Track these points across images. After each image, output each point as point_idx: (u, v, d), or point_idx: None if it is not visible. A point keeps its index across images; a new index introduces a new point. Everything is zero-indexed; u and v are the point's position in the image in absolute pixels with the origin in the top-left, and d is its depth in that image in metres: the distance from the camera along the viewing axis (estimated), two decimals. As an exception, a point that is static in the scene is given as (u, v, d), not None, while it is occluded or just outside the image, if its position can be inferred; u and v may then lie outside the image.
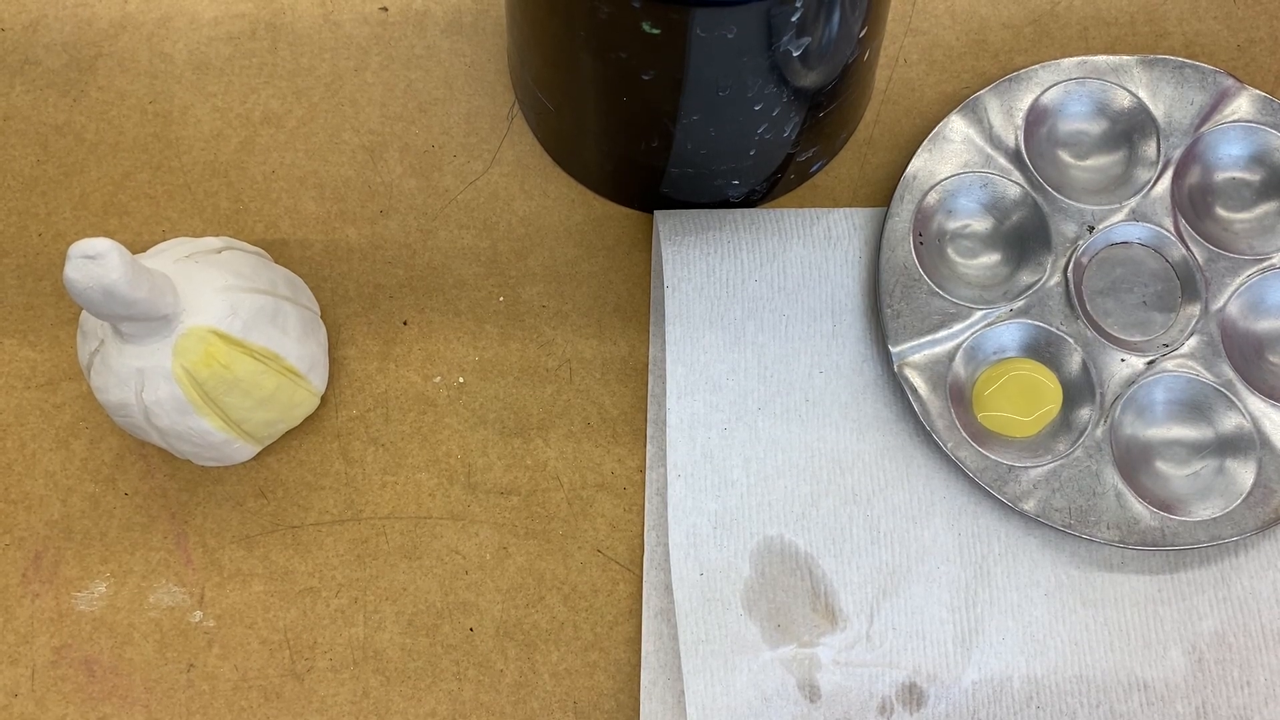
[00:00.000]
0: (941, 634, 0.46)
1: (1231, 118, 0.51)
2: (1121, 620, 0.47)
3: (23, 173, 0.52)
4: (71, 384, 0.49)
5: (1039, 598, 0.47)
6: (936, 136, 0.51)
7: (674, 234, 0.50)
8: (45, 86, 0.53)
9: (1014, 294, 0.49)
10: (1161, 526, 0.46)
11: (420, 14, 0.54)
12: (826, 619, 0.46)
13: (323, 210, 0.52)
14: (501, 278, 0.51)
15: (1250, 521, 0.46)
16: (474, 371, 0.50)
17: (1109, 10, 0.54)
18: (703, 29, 0.41)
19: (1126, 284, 0.49)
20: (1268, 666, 0.46)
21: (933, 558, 0.47)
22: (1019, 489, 0.47)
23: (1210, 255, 0.49)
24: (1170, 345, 0.48)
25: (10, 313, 0.50)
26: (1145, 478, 0.47)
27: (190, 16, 0.54)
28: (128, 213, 0.51)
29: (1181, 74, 0.51)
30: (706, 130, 0.47)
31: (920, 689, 0.46)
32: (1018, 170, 0.50)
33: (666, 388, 0.48)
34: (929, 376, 0.48)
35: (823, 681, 0.46)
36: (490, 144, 0.52)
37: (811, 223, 0.50)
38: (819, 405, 0.48)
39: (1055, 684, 0.46)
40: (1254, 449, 0.47)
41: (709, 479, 0.48)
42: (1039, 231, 0.49)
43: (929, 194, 0.50)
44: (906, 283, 0.49)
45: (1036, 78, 0.51)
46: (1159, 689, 0.46)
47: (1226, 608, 0.47)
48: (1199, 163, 0.51)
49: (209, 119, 0.53)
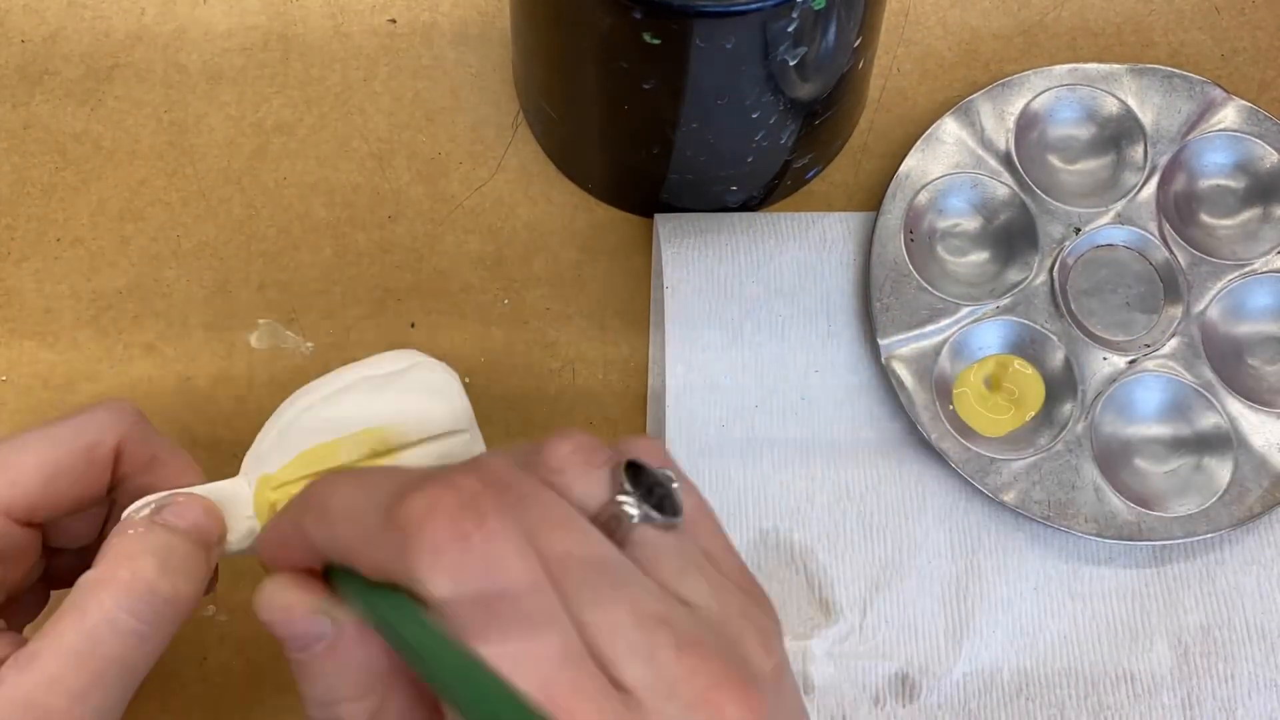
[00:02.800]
0: (933, 627, 0.47)
1: (1218, 126, 0.52)
2: (1109, 614, 0.47)
3: (42, 179, 0.53)
4: (89, 385, 0.50)
5: (1028, 592, 0.48)
6: (930, 138, 0.52)
7: (673, 236, 0.51)
8: (63, 96, 0.54)
9: (1001, 291, 0.50)
10: (1138, 521, 0.47)
11: (428, 26, 0.55)
12: (822, 612, 0.47)
13: (332, 216, 0.53)
14: (506, 281, 0.52)
15: (1225, 518, 0.47)
16: (479, 372, 0.51)
17: (1096, 21, 0.55)
18: (702, 39, 0.42)
19: (1111, 285, 0.50)
20: (1251, 659, 0.47)
21: (924, 552, 0.48)
22: (1000, 481, 0.48)
23: (1193, 259, 0.50)
24: (1152, 345, 0.49)
25: (29, 315, 0.51)
26: (1124, 473, 0.48)
27: (205, 28, 0.55)
28: (143, 218, 0.53)
29: (1170, 83, 0.52)
30: (705, 138, 0.48)
31: (912, 680, 0.47)
32: (1008, 172, 0.51)
33: (665, 386, 0.49)
34: (916, 370, 0.49)
35: (816, 674, 0.47)
36: (495, 151, 0.53)
37: (807, 226, 0.51)
38: (814, 403, 0.49)
39: (1044, 676, 0.47)
40: (1230, 448, 0.48)
41: (707, 476, 0.48)
42: (1027, 232, 0.50)
43: (921, 193, 0.51)
44: (896, 278, 0.50)
45: (1029, 83, 0.52)
46: (1146, 681, 0.47)
47: (1211, 602, 0.47)
48: (1185, 169, 0.52)
49: (223, 127, 0.54)
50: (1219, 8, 0.55)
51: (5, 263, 0.52)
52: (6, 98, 0.54)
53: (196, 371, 0.51)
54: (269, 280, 0.52)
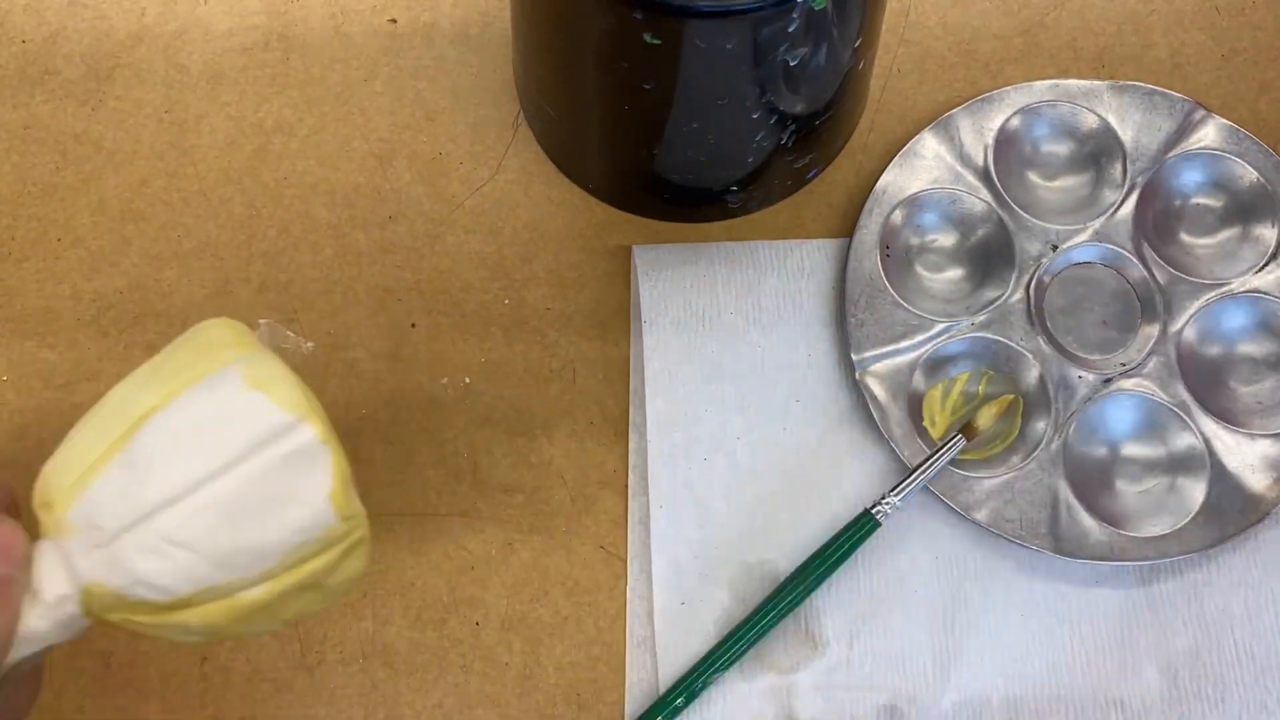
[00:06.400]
0: (920, 656, 0.47)
1: (1198, 145, 0.51)
2: (1097, 640, 0.47)
3: (42, 179, 0.53)
4: (89, 385, 0.50)
5: (1016, 619, 0.47)
6: (908, 152, 0.52)
7: (651, 269, 0.50)
8: (64, 96, 0.54)
9: (976, 308, 0.50)
10: (1110, 541, 0.47)
11: (428, 26, 0.55)
12: (808, 645, 0.47)
13: (333, 216, 0.53)
14: (506, 281, 0.52)
15: (1199, 540, 0.47)
16: (480, 372, 0.51)
17: (1096, 22, 0.55)
18: (702, 40, 0.42)
19: (1087, 303, 0.50)
20: (1241, 683, 0.46)
21: (910, 581, 0.47)
22: (972, 498, 0.47)
23: (1171, 278, 0.50)
24: (1128, 365, 0.49)
25: (30, 315, 0.51)
26: (1097, 493, 0.48)
27: (205, 28, 0.55)
28: (144, 219, 0.53)
29: (1151, 101, 0.52)
30: (706, 138, 0.48)
31: (901, 712, 0.46)
32: (985, 188, 0.51)
33: (646, 421, 0.49)
34: (889, 385, 0.49)
35: (803, 709, 0.46)
36: (496, 151, 0.54)
37: (785, 255, 0.51)
38: (796, 434, 0.49)
39: (1034, 704, 0.46)
40: (1205, 469, 0.47)
41: (690, 509, 0.48)
42: (1003, 248, 0.50)
43: (897, 208, 0.51)
44: (871, 293, 0.50)
45: (1008, 99, 0.52)
46: (1135, 707, 0.46)
47: (1200, 625, 0.47)
48: (1164, 188, 0.51)
49: (223, 127, 0.54)
50: (1219, 8, 0.55)
51: (5, 263, 0.52)
52: (7, 98, 0.54)
53: (197, 371, 0.51)
54: (269, 280, 0.52)
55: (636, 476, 0.49)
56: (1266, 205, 0.51)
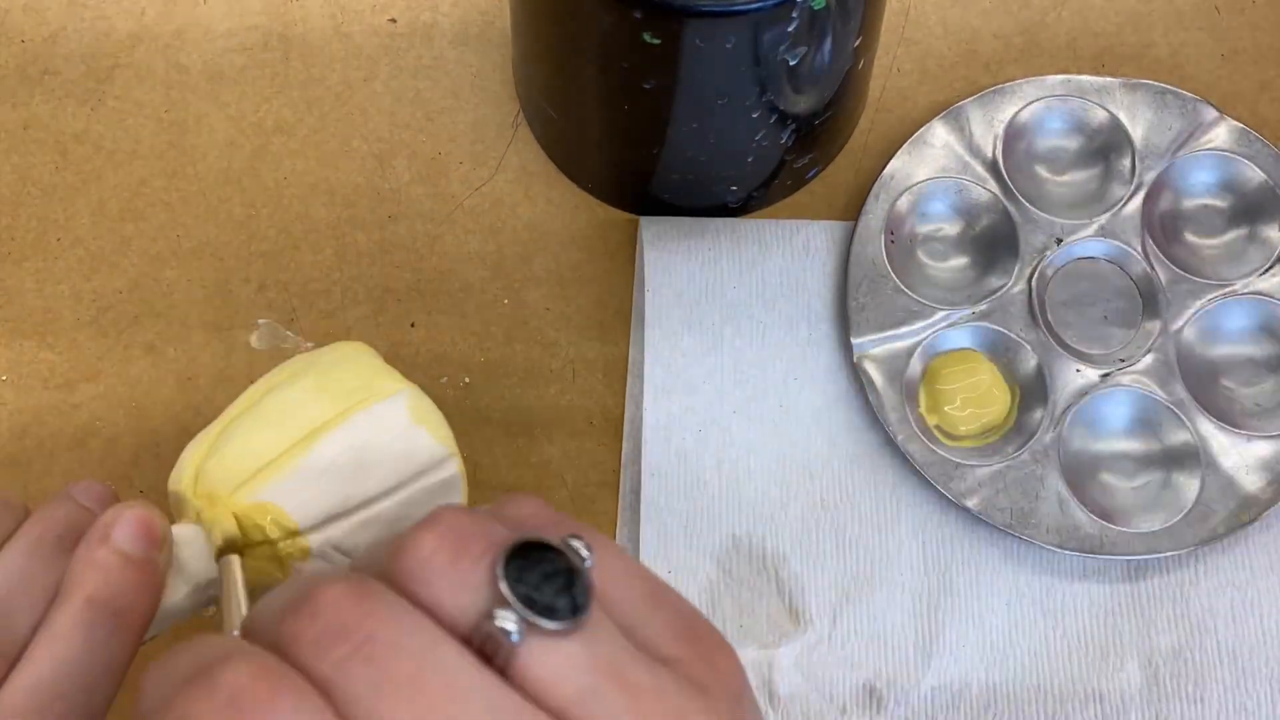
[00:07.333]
0: (902, 639, 0.47)
1: (1207, 145, 0.51)
2: (1080, 632, 0.47)
3: (42, 179, 0.53)
4: (88, 385, 0.51)
5: (1000, 607, 0.47)
6: (917, 140, 0.52)
7: (657, 240, 0.51)
8: (64, 96, 0.54)
9: (978, 297, 0.50)
10: (1100, 534, 0.47)
11: (428, 26, 0.55)
12: (791, 620, 0.47)
13: (333, 216, 0.53)
14: (506, 281, 0.52)
15: (1189, 537, 0.47)
16: (479, 372, 0.51)
17: (1097, 21, 0.55)
18: (701, 39, 0.43)
19: (1089, 297, 0.50)
20: (1221, 683, 0.46)
21: (897, 564, 0.47)
22: (964, 486, 0.48)
23: (1174, 276, 0.50)
24: (1126, 360, 0.49)
25: (29, 315, 0.51)
26: (1090, 486, 0.48)
27: (205, 28, 0.55)
28: (144, 218, 0.53)
29: (1162, 99, 0.52)
30: (705, 138, 0.48)
31: (880, 692, 0.46)
32: (993, 179, 0.51)
33: (643, 388, 0.49)
34: (887, 371, 0.49)
35: (782, 684, 0.46)
36: (496, 151, 0.54)
37: (791, 234, 0.51)
38: (792, 411, 0.49)
39: (1013, 692, 0.46)
40: (1199, 468, 0.47)
41: (682, 479, 0.48)
42: (1008, 239, 0.50)
43: (904, 195, 0.51)
44: (874, 278, 0.50)
45: (1021, 92, 0.52)
46: (1115, 701, 0.46)
47: (1184, 623, 0.47)
48: (1171, 187, 0.51)
49: (223, 127, 0.54)
50: (1219, 8, 0.55)
51: (5, 263, 0.52)
52: (6, 98, 0.54)
53: (196, 371, 0.51)
54: (269, 280, 0.52)
55: (630, 445, 0.49)
56: (1274, 208, 0.51)
